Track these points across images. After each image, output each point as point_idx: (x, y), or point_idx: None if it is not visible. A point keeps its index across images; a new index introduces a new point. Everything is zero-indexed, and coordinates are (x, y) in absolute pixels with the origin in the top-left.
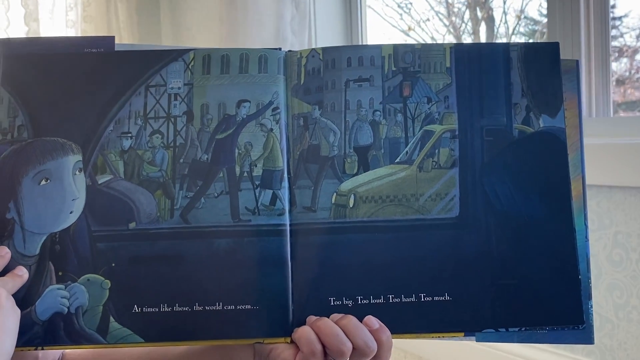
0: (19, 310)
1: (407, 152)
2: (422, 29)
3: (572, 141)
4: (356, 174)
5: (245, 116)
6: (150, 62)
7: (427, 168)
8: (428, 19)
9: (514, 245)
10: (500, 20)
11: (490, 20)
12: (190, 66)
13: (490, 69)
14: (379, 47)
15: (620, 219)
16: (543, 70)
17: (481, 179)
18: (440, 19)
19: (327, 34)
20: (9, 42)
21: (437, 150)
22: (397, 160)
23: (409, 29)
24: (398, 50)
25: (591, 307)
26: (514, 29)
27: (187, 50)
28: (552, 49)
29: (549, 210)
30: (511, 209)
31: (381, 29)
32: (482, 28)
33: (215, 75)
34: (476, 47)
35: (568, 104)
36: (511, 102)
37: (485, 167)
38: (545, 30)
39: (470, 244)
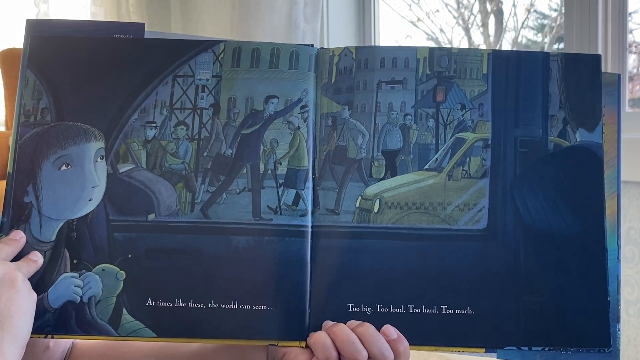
0: (35, 295)
1: (436, 159)
2: (431, 21)
3: (609, 157)
4: (383, 179)
5: (272, 112)
6: (180, 51)
7: (456, 177)
8: (437, 10)
9: (542, 262)
10: (510, 14)
11: (499, 13)
12: (219, 58)
13: (528, 78)
14: (414, 49)
15: (634, 215)
16: (583, 82)
17: (512, 192)
18: (449, 11)
19: (339, 22)
20: (36, 23)
21: (468, 159)
22: (426, 166)
23: (418, 19)
24: (434, 53)
25: (619, 330)
26: (523, 23)
27: (218, 42)
28: (593, 61)
29: (581, 228)
30: (542, 224)
31: (391, 19)
32: (491, 21)
33: (244, 68)
34: (515, 54)
35: (607, 118)
36: (548, 113)
37: (518, 179)
38: (554, 24)
39: (497, 258)
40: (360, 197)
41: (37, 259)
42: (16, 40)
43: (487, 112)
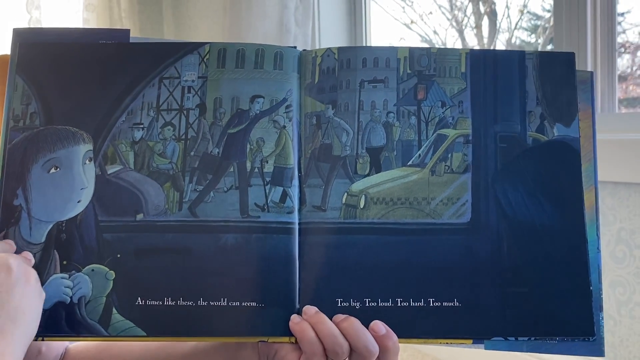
0: (44, 294)
1: (419, 155)
2: (425, 23)
3: (586, 151)
4: (368, 175)
5: (258, 112)
6: (166, 54)
7: (439, 172)
8: (431, 12)
9: (525, 253)
10: (503, 15)
11: (492, 15)
12: (205, 59)
13: (506, 76)
14: (394, 49)
15: (624, 216)
16: (558, 79)
17: (494, 185)
18: (442, 13)
19: (331, 26)
20: (24, 32)
21: (450, 155)
22: (410, 162)
23: (412, 22)
24: (414, 53)
25: (602, 318)
26: (516, 24)
27: (203, 44)
28: (567, 58)
29: (562, 220)
30: (523, 217)
31: (384, 22)
32: (485, 22)
33: (230, 69)
34: (492, 53)
35: (582, 114)
36: (525, 109)
37: (498, 173)
38: (547, 25)
39: (481, 250)
40: (346, 194)
41: (29, 259)
42: (7, 47)
43: (467, 109)
